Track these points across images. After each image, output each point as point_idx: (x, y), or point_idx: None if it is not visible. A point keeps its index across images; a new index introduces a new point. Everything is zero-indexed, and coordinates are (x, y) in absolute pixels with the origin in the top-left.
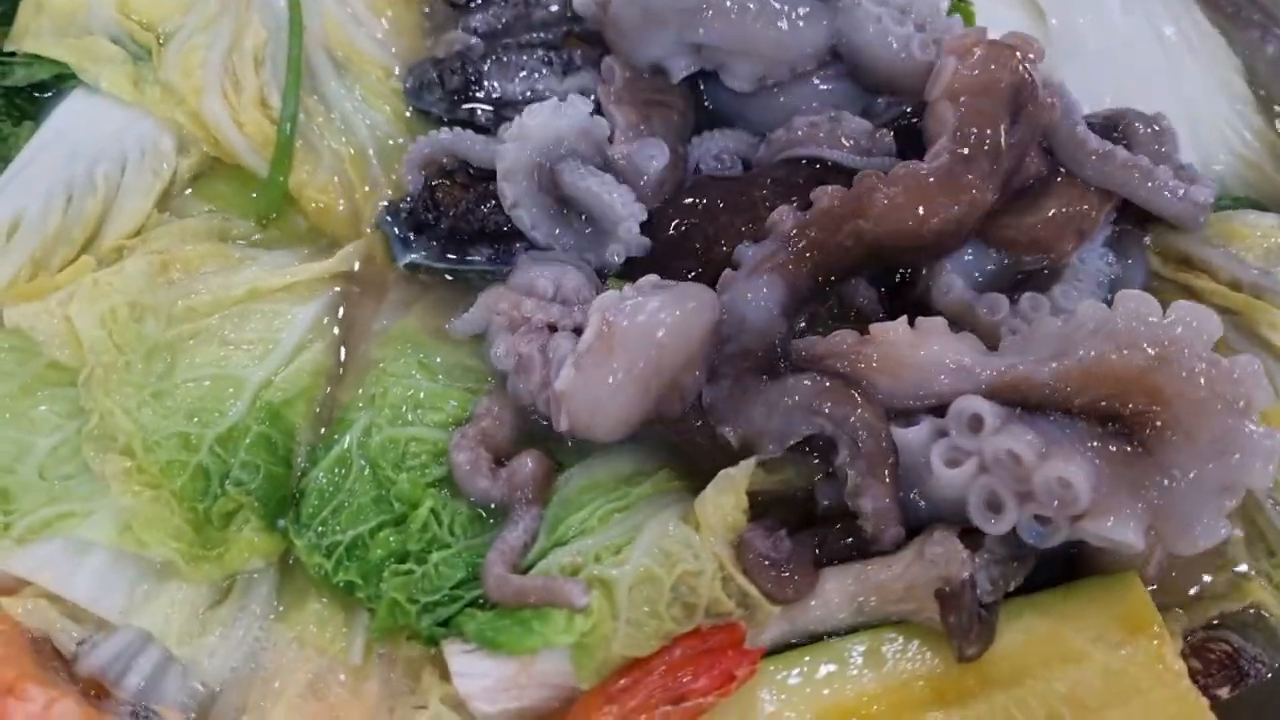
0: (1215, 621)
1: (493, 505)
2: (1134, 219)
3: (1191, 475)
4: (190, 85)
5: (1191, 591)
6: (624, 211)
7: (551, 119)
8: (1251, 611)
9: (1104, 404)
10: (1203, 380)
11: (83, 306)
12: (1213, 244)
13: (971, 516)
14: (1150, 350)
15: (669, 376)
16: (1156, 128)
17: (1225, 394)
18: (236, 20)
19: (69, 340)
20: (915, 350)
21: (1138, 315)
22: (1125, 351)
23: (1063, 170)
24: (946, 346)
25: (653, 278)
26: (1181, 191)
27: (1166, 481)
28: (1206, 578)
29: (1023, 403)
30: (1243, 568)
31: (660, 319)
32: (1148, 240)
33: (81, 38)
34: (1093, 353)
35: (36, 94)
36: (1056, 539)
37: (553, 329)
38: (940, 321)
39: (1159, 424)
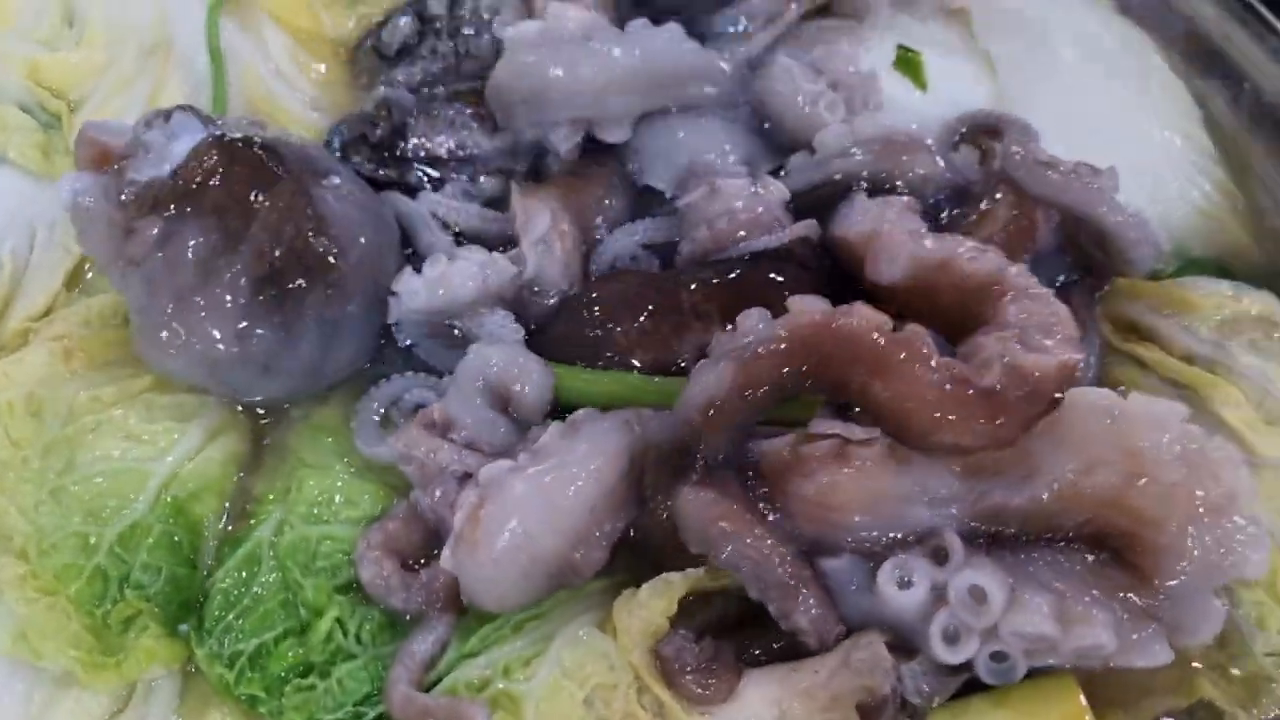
0: None
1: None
2: (1084, 283)
3: (1186, 582)
4: None
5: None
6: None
7: (479, 278)
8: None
9: (1087, 529)
10: (1183, 493)
11: None
12: (1164, 314)
13: (930, 645)
14: (1120, 468)
15: (553, 562)
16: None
17: (1210, 500)
18: (154, 83)
19: None
20: (890, 480)
21: (1095, 418)
22: (1095, 474)
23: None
24: (924, 472)
25: (557, 431)
26: (1136, 222)
27: (1162, 595)
28: None
29: (996, 533)
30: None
31: (527, 507)
32: (1099, 310)
33: None
34: (1065, 480)
35: None
36: (1018, 674)
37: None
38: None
39: (1147, 542)
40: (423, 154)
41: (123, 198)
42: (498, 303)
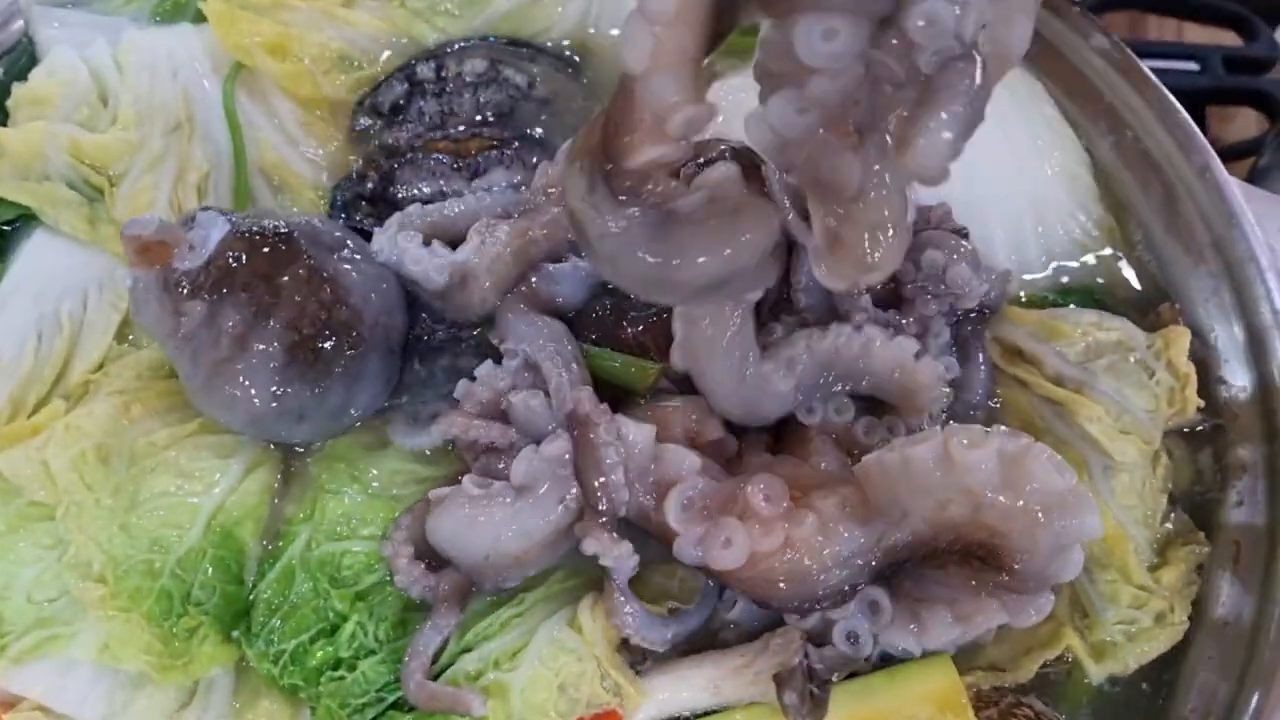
0: (1023, 685)
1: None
2: (976, 315)
3: (1040, 560)
4: None
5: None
6: None
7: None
8: (1062, 671)
9: (959, 545)
10: (1015, 506)
11: (56, 452)
12: (1040, 339)
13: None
14: (963, 501)
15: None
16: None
17: (1038, 500)
18: (179, 157)
19: (46, 482)
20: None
21: (927, 471)
22: (948, 509)
23: None
24: (852, 532)
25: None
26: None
27: (1019, 590)
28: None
29: (894, 564)
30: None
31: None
32: (989, 335)
33: (41, 183)
34: (930, 515)
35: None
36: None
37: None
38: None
39: (1002, 546)
40: (410, 196)
41: (172, 286)
42: None
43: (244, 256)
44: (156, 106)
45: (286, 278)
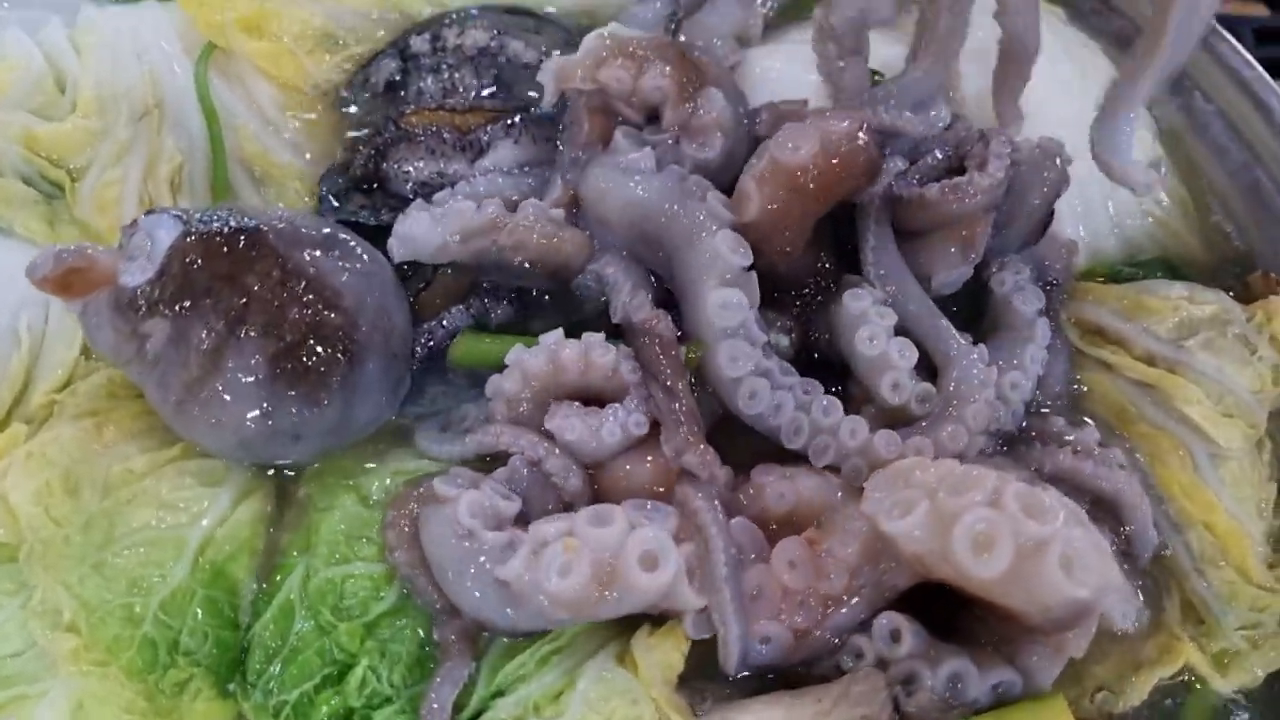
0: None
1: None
2: (1050, 293)
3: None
4: (106, 222)
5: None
6: None
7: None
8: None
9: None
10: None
11: (17, 482)
12: (1126, 317)
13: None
14: (948, 566)
15: None
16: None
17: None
18: (149, 147)
19: (6, 518)
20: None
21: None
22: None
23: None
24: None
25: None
26: None
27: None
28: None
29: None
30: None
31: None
32: (1064, 316)
33: None
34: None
35: None
36: None
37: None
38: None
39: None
40: (410, 184)
41: (125, 306)
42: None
43: (200, 259)
44: (120, 92)
45: (254, 278)
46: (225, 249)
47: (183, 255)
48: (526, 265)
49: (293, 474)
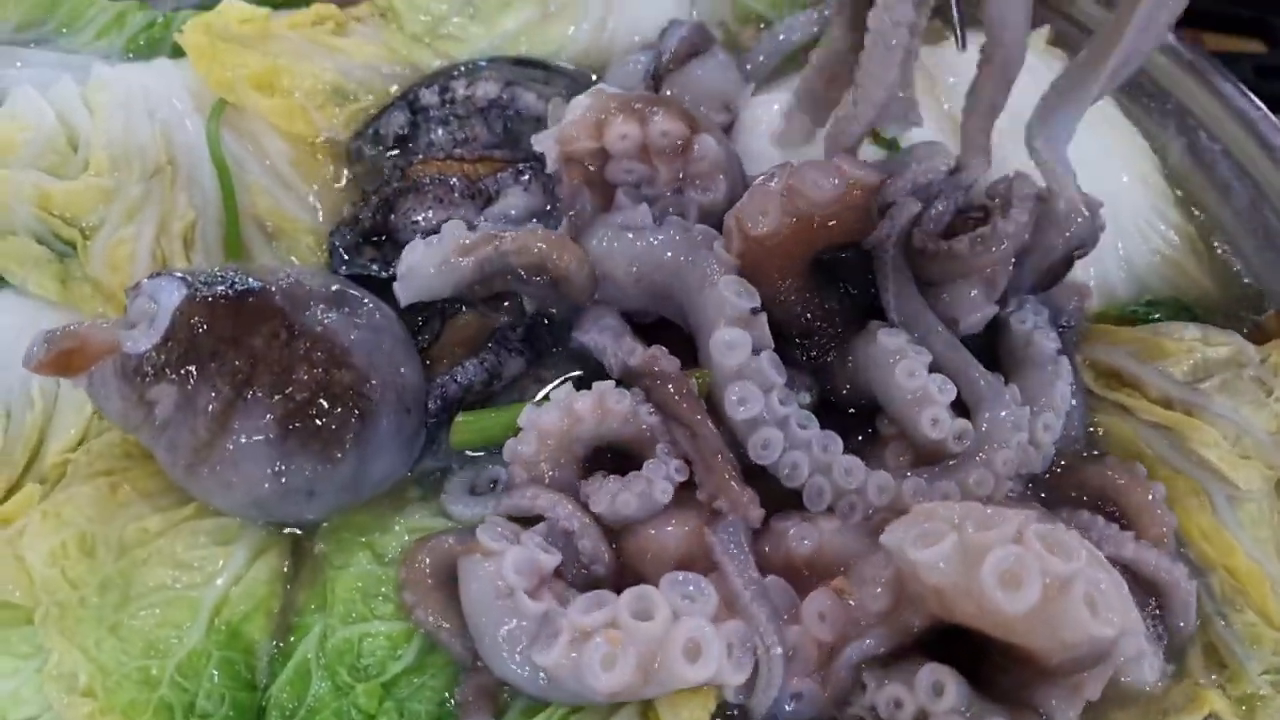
0: None
1: None
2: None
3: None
4: (119, 280)
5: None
6: None
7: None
8: None
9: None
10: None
11: (32, 543)
12: (1140, 360)
13: None
14: (970, 602)
15: None
16: None
17: (1062, 613)
18: (162, 204)
19: (21, 580)
20: None
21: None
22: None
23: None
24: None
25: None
26: None
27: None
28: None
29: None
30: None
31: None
32: (1080, 358)
33: (5, 238)
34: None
35: None
36: None
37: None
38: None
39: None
40: (419, 235)
41: (131, 374)
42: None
43: (206, 323)
44: (133, 149)
45: (260, 339)
46: (230, 311)
47: (188, 319)
48: (534, 276)
49: (308, 530)
